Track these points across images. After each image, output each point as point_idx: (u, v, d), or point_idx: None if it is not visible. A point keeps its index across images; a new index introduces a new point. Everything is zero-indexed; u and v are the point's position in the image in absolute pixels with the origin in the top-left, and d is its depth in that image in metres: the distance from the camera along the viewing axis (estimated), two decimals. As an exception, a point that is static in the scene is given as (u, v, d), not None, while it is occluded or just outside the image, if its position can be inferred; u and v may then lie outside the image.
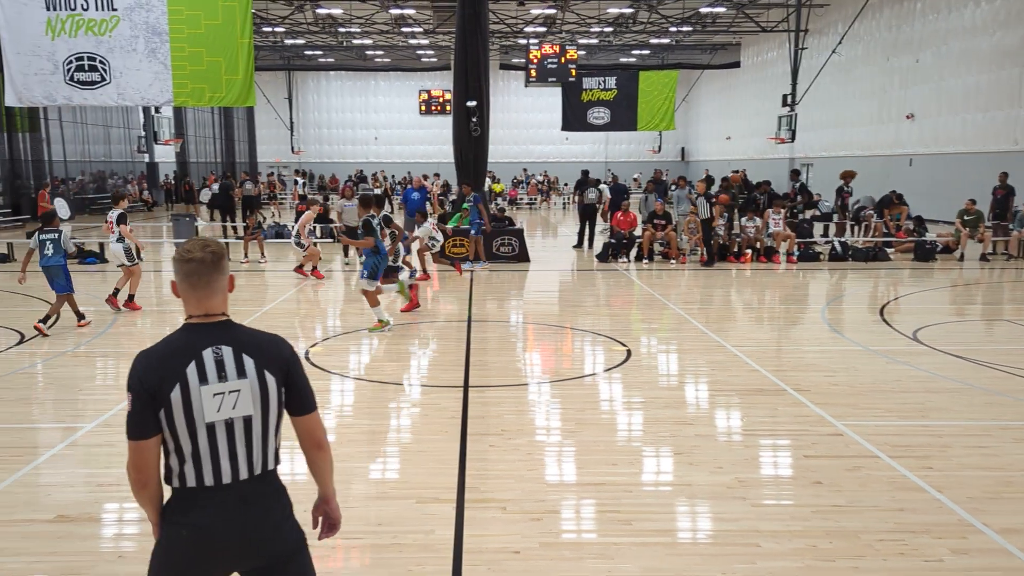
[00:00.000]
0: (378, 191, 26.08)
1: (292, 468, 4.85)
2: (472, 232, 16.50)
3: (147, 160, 41.74)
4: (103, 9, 14.44)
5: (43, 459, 5.80)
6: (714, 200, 17.43)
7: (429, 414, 6.92)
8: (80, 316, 10.52)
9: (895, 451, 5.93)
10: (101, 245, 17.97)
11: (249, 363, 2.54)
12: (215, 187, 28.89)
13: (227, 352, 2.51)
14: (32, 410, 7.14)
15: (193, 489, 2.50)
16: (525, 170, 45.88)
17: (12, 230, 25.52)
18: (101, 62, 14.68)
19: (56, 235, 10.29)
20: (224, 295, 2.60)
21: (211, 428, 2.48)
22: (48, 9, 14.42)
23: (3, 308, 11.86)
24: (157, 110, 30.74)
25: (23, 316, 11.10)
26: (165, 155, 42.17)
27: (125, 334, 10.27)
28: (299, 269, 15.21)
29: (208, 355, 2.48)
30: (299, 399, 2.69)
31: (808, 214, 21.67)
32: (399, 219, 15.47)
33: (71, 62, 14.67)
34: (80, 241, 18.61)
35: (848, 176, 20.14)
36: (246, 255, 17.64)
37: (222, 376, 2.48)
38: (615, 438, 6.37)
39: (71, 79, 14.76)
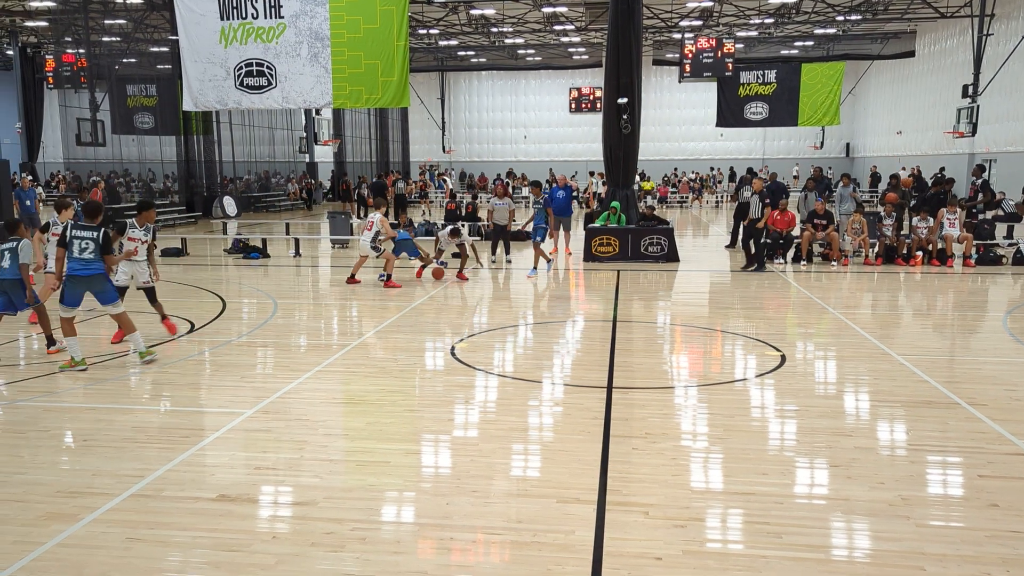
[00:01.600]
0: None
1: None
2: (534, 238, 15.25)
3: (307, 160, 44.09)
4: (271, 17, 15.36)
5: (208, 441, 6.17)
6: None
7: (572, 414, 6.85)
8: None
9: (1089, 476, 5.32)
10: (264, 241, 19.08)
11: None
12: (363, 187, 30.23)
13: None
14: (199, 394, 7.63)
15: None
16: (676, 169, 45.24)
17: (186, 226, 27.65)
18: (268, 67, 15.62)
19: (14, 244, 8.64)
20: None
21: None
22: (222, 19, 15.52)
23: (176, 299, 12.77)
24: (317, 112, 32.45)
25: (193, 307, 11.95)
26: (324, 155, 44.44)
27: (283, 325, 10.82)
28: (388, 281, 13.82)
29: None
30: None
31: (990, 214, 19.99)
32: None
33: (241, 68, 15.72)
34: (245, 237, 19.86)
35: None
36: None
37: None
38: (766, 446, 6.07)
39: (241, 84, 15.81)
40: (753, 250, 15.88)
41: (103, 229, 8.35)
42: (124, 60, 35.41)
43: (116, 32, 34.50)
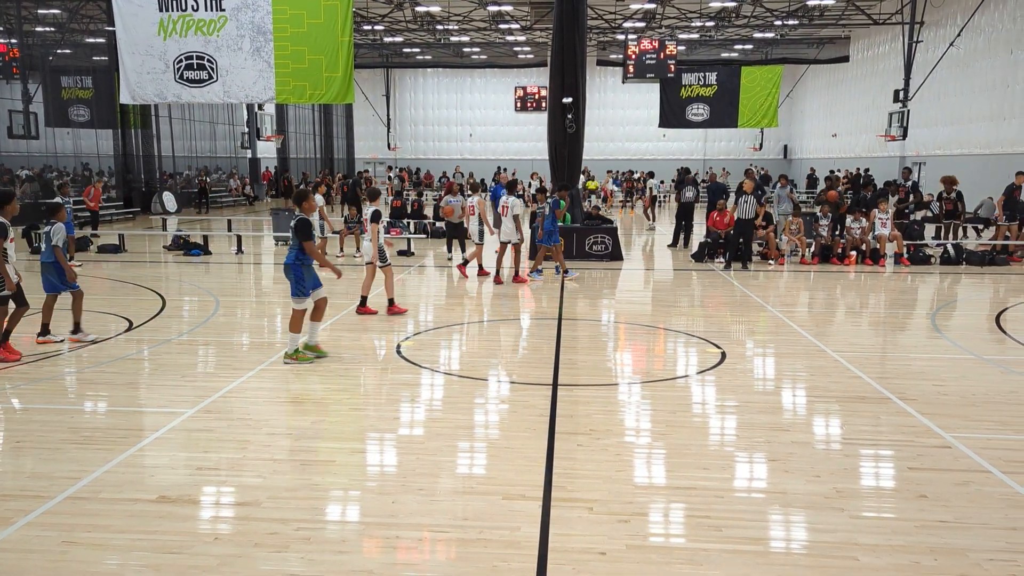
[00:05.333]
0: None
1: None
2: (545, 242, 14.64)
3: (250, 156, 43.34)
4: (212, 10, 15.05)
5: (148, 441, 6.05)
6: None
7: (517, 411, 6.90)
8: (45, 330, 9.25)
9: (1009, 466, 5.57)
10: (205, 238, 18.71)
11: None
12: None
13: None
14: (139, 394, 7.47)
15: None
16: (609, 171, 45.42)
17: (124, 222, 26.97)
18: (209, 61, 15.31)
19: (48, 228, 9.15)
20: None
21: None
22: (161, 10, 15.15)
23: (114, 297, 12.47)
24: (260, 107, 31.96)
25: (132, 305, 11.68)
26: (267, 151, 43.75)
27: (225, 323, 10.65)
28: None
29: None
30: None
31: (919, 215, 20.66)
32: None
33: (181, 61, 15.37)
34: (185, 234, 19.46)
35: (948, 182, 18.70)
36: (341, 249, 18.09)
37: None
38: (707, 442, 6.20)
39: (181, 77, 15.46)
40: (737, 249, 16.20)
41: None
42: (59, 51, 34.31)
43: (50, 22, 33.42)
